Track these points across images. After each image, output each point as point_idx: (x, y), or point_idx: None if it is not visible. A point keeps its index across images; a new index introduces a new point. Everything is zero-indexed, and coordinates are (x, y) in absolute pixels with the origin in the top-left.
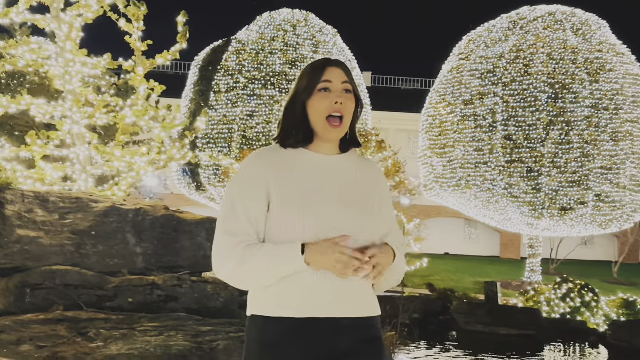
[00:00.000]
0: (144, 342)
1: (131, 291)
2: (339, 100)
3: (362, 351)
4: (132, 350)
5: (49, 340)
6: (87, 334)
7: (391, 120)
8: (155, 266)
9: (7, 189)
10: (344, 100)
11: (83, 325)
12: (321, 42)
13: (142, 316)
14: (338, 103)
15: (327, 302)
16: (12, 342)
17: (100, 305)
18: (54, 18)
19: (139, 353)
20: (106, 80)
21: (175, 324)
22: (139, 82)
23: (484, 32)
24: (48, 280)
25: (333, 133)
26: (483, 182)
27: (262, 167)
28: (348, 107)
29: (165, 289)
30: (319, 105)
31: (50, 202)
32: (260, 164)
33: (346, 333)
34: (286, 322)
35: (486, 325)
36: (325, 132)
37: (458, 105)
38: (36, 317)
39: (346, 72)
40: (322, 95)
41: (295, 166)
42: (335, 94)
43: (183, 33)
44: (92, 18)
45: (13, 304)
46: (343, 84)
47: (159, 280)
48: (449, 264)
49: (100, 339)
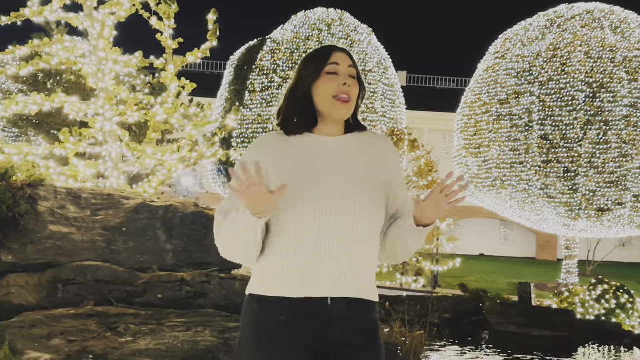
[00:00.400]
0: (171, 338)
1: (160, 287)
2: (347, 82)
3: (357, 343)
4: (160, 345)
5: (79, 335)
6: (117, 328)
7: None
8: (184, 263)
9: (40, 186)
10: (351, 84)
11: (113, 320)
12: (356, 41)
13: (170, 312)
14: (346, 85)
15: (322, 282)
16: (43, 336)
17: (130, 300)
18: (87, 16)
19: (167, 348)
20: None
21: (203, 320)
22: (170, 80)
23: (520, 30)
24: (79, 275)
25: (342, 109)
26: (519, 182)
27: (261, 153)
28: (353, 91)
29: (194, 285)
30: (326, 87)
31: (82, 198)
32: (259, 150)
33: (340, 322)
34: (281, 303)
35: (519, 326)
36: (334, 110)
37: (494, 105)
38: (67, 312)
39: (351, 58)
40: (329, 77)
41: (296, 150)
42: (343, 77)
43: (213, 31)
44: (125, 16)
45: (45, 298)
46: (349, 68)
47: (187, 277)
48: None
49: (129, 333)
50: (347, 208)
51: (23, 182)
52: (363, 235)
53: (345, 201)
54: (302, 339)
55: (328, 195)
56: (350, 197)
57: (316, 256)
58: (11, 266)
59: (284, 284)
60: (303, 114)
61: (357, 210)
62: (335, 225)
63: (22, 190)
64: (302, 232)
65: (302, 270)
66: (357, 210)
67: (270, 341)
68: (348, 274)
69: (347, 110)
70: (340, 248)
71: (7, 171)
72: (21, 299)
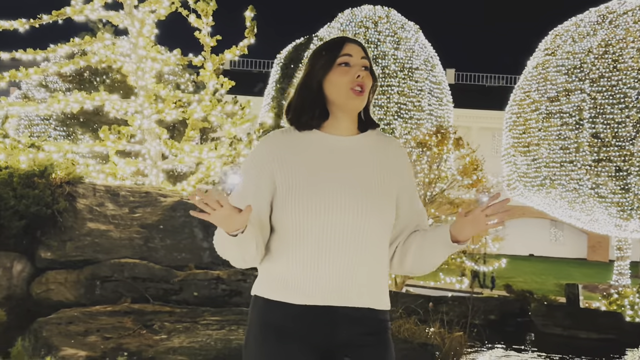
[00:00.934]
0: (205, 336)
1: (196, 285)
2: (361, 74)
3: (364, 343)
4: (193, 343)
5: (115, 332)
6: (152, 326)
7: (474, 118)
8: (221, 260)
9: (79, 183)
10: (364, 76)
11: (148, 318)
12: (403, 38)
13: (205, 310)
14: (360, 77)
15: (328, 290)
16: (80, 333)
17: (166, 298)
18: (127, 14)
19: (200, 346)
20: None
21: (237, 318)
22: (208, 78)
23: (571, 26)
24: (117, 272)
25: (356, 100)
26: (569, 181)
27: (267, 154)
28: (367, 83)
29: (230, 283)
30: (339, 79)
31: (120, 196)
32: (265, 150)
33: (345, 324)
34: (286, 307)
35: (565, 328)
36: (349, 101)
37: (543, 102)
38: (104, 309)
39: (364, 50)
40: (342, 69)
41: (305, 148)
42: (356, 68)
43: (250, 28)
44: (165, 14)
45: (83, 295)
46: (362, 60)
47: (223, 275)
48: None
49: (164, 331)
50: (355, 211)
51: (62, 180)
52: (370, 240)
53: (353, 204)
54: (309, 336)
55: (335, 197)
56: (358, 200)
57: (319, 261)
58: (50, 263)
59: (286, 290)
60: (314, 107)
61: (366, 213)
62: (342, 228)
63: (61, 187)
64: (305, 236)
65: (303, 277)
66: (366, 213)
67: (277, 336)
68: (353, 282)
69: (361, 101)
70: (345, 253)
71: (46, 169)
72: (60, 296)
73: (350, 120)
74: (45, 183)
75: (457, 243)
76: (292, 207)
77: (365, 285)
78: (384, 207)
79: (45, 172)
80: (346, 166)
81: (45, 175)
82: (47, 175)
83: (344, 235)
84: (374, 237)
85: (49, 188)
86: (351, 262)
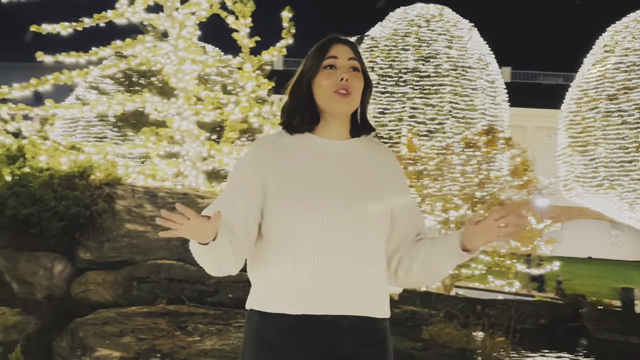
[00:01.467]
0: (236, 338)
1: (231, 287)
2: (345, 77)
3: (364, 355)
4: (225, 345)
5: (150, 333)
6: (186, 327)
7: (530, 117)
8: None
9: (118, 185)
10: (350, 77)
11: (182, 320)
12: (456, 36)
13: (238, 312)
14: (343, 80)
15: (325, 298)
16: (115, 334)
17: (202, 300)
18: (167, 17)
19: (230, 349)
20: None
21: None
22: (247, 79)
23: (630, 22)
24: (153, 274)
25: (341, 102)
26: (629, 182)
27: (257, 158)
28: (354, 85)
29: None
30: (323, 82)
31: (158, 197)
32: (256, 155)
33: (346, 334)
34: (282, 320)
35: (618, 333)
36: (333, 104)
37: (602, 101)
38: (139, 310)
39: (354, 50)
40: (327, 72)
41: (296, 152)
42: (341, 71)
43: (288, 29)
44: (206, 16)
45: (121, 296)
46: (349, 61)
47: None
48: (590, 269)
49: (197, 333)
50: (350, 216)
51: (101, 181)
52: (367, 245)
53: (348, 208)
54: (307, 350)
55: (329, 202)
56: (353, 205)
57: (314, 268)
58: (89, 264)
59: (282, 300)
60: (305, 111)
61: (361, 218)
62: (337, 234)
63: (100, 189)
64: (299, 242)
65: (299, 285)
66: (361, 218)
67: (272, 352)
68: (352, 289)
69: (347, 104)
70: (342, 259)
71: (85, 170)
72: (98, 296)
73: (341, 124)
74: (84, 184)
75: (467, 252)
76: (284, 213)
77: (364, 292)
78: (379, 212)
79: (85, 174)
80: (339, 170)
81: (84, 177)
82: (86, 177)
83: (339, 241)
84: (370, 242)
85: (88, 189)
86: (349, 268)
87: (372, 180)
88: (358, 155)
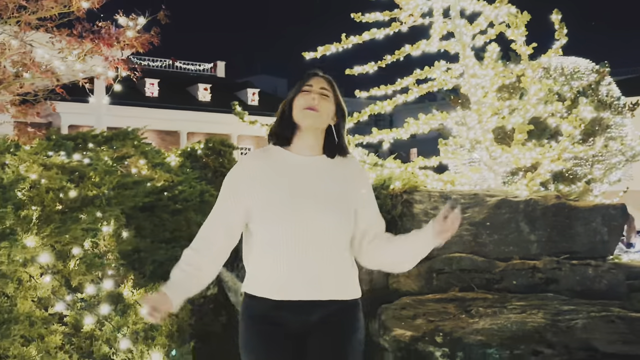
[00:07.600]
0: (505, 319)
1: (515, 274)
2: (315, 97)
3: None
4: (494, 325)
5: (439, 316)
6: (470, 311)
7: None
8: (550, 252)
9: (415, 191)
10: (319, 99)
11: (468, 304)
12: None
13: (513, 296)
14: (315, 100)
15: (302, 286)
16: (409, 317)
17: (489, 287)
18: (458, 41)
19: (498, 328)
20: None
21: (540, 304)
22: (529, 84)
23: None
24: (447, 266)
25: (308, 117)
26: None
27: (242, 172)
28: (322, 105)
29: (545, 271)
30: (298, 102)
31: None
32: (241, 169)
33: (318, 311)
34: (266, 302)
35: None
36: (302, 118)
37: None
38: (433, 297)
39: (328, 83)
40: (303, 94)
41: (273, 169)
42: (312, 94)
43: (560, 29)
44: (495, 33)
45: (424, 286)
46: (320, 89)
47: (539, 264)
48: None
49: (477, 315)
50: (316, 221)
51: (401, 190)
52: (335, 243)
53: (314, 215)
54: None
55: (299, 210)
56: (323, 212)
57: (292, 263)
58: None
59: (267, 288)
60: (286, 128)
61: (326, 223)
62: (311, 235)
63: (400, 196)
64: (280, 243)
65: (281, 277)
66: (326, 223)
67: (260, 321)
68: (323, 279)
69: (313, 119)
70: (315, 256)
71: (385, 181)
72: (407, 287)
73: (314, 140)
74: (385, 194)
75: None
76: (262, 218)
77: (333, 280)
78: (344, 216)
79: (385, 184)
80: (313, 181)
81: (385, 187)
82: (386, 187)
83: (312, 241)
84: (337, 240)
85: (389, 197)
86: (320, 263)
87: (339, 188)
88: (328, 168)
